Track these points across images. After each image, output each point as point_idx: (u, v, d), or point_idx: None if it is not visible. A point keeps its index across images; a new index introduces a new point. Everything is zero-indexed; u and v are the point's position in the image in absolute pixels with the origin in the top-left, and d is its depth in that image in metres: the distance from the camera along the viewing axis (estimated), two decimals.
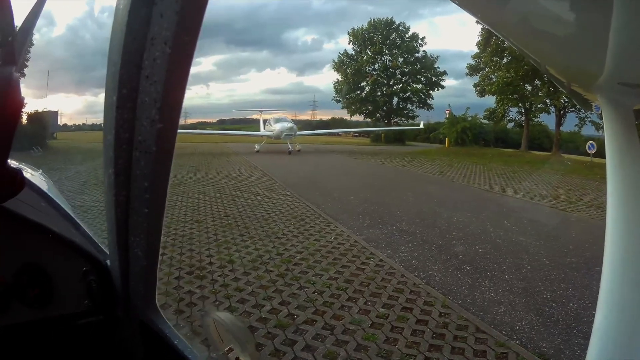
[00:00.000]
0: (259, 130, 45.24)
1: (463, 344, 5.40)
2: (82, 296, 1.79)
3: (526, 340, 5.56)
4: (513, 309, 6.41)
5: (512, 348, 5.30)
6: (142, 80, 1.07)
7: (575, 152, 32.25)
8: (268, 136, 37.93)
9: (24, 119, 26.83)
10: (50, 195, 2.25)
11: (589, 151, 26.87)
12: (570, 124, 36.28)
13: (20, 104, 1.15)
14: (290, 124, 36.65)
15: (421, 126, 47.03)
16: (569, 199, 15.68)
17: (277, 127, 36.77)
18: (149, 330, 1.62)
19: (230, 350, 1.56)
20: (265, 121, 44.10)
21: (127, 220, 1.33)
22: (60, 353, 1.82)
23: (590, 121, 33.45)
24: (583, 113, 33.50)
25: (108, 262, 1.81)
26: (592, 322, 0.96)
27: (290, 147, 34.46)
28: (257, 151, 34.83)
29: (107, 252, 1.76)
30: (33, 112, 29.23)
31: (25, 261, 1.73)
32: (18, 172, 1.29)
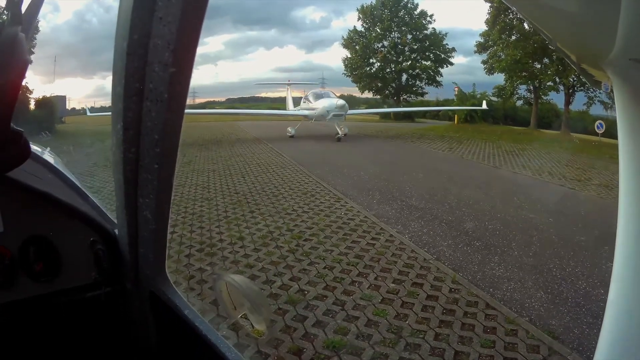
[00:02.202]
0: (284, 109, 37.72)
1: (473, 320, 5.44)
2: (90, 268, 1.77)
3: (535, 317, 5.58)
4: (522, 286, 6.43)
5: (521, 325, 5.32)
6: (155, 23, 1.04)
7: (584, 132, 31.83)
8: (305, 116, 29.43)
9: (32, 105, 26.62)
10: (57, 167, 2.21)
11: (597, 131, 26.53)
12: (579, 103, 35.85)
13: (25, 62, 1.16)
14: (341, 101, 27.56)
15: (484, 106, 37.49)
16: (578, 178, 15.57)
17: (323, 104, 27.72)
18: (158, 300, 1.61)
19: (244, 316, 1.55)
20: (297, 98, 35.65)
21: (136, 179, 1.31)
22: (69, 327, 1.81)
23: (599, 101, 33.10)
24: (592, 92, 33.09)
25: (116, 231, 1.78)
26: (600, 300, 0.96)
27: (339, 131, 25.77)
28: (292, 136, 27.13)
29: (115, 221, 1.74)
30: (41, 97, 28.88)
31: (31, 233, 1.71)
32: (22, 136, 1.28)
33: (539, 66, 37.07)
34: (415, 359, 4.68)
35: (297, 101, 36.16)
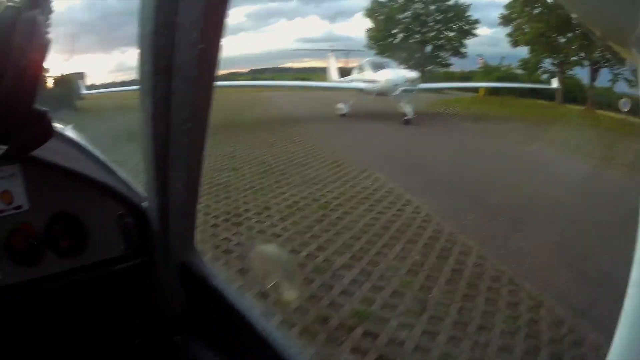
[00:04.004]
0: (325, 80, 31.43)
1: (496, 295, 5.50)
2: (118, 242, 1.75)
3: (558, 295, 5.58)
4: (546, 263, 6.44)
5: (544, 302, 5.36)
6: (180, 2, 1.05)
7: (608, 109, 30.94)
8: (361, 90, 22.74)
9: (51, 83, 26.49)
10: (81, 143, 2.15)
11: (623, 108, 25.87)
12: (604, 79, 34.84)
13: (45, 46, 1.18)
14: (413, 73, 21.62)
15: (553, 85, 32.93)
16: (604, 156, 15.25)
17: (387, 76, 21.48)
18: (188, 271, 1.62)
19: (276, 285, 1.59)
20: (343, 69, 30.53)
21: (166, 154, 1.32)
22: (98, 300, 1.83)
23: (624, 78, 32.19)
24: (617, 69, 32.19)
25: (145, 204, 1.76)
26: (622, 282, 0.93)
27: (408, 111, 19.76)
28: (343, 115, 21.22)
29: (144, 194, 1.74)
30: (60, 75, 28.65)
31: (57, 210, 1.68)
32: (45, 116, 1.29)
33: (564, 40, 36.16)
34: (439, 331, 4.78)
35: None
